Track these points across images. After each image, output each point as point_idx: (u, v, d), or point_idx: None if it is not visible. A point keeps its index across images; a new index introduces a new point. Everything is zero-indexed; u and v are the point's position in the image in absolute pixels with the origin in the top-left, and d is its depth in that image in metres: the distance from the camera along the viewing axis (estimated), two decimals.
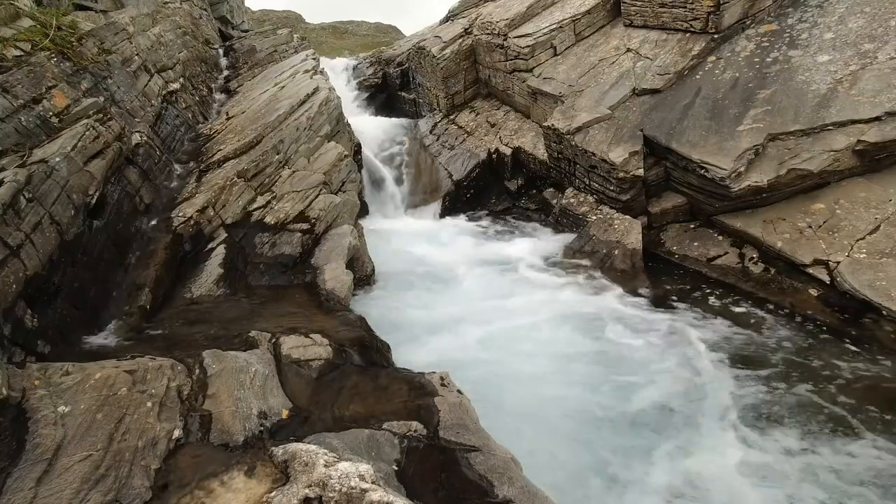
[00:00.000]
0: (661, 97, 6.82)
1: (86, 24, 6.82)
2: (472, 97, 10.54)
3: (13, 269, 3.62)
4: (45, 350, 3.69)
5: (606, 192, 6.77)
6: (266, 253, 5.58)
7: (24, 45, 5.34)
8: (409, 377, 3.74)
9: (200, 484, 2.46)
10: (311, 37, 20.70)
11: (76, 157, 4.62)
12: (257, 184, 6.33)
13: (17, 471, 2.45)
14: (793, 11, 6.80)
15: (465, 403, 3.42)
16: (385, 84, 12.83)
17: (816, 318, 4.90)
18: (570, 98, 7.61)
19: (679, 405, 4.20)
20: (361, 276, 6.06)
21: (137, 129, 6.10)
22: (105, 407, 2.86)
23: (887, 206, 5.20)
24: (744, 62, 6.56)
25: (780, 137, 5.64)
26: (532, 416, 4.15)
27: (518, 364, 4.73)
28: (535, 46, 8.54)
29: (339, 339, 4.05)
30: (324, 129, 7.65)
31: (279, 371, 3.60)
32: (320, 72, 9.68)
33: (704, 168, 5.75)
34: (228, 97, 9.98)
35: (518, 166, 8.76)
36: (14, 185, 3.87)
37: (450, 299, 5.88)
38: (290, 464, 2.42)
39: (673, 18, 7.40)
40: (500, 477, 2.87)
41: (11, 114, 4.61)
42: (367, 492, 2.12)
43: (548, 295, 5.92)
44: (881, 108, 5.28)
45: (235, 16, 15.82)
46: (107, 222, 4.84)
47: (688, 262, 6.05)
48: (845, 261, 4.97)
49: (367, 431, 3.04)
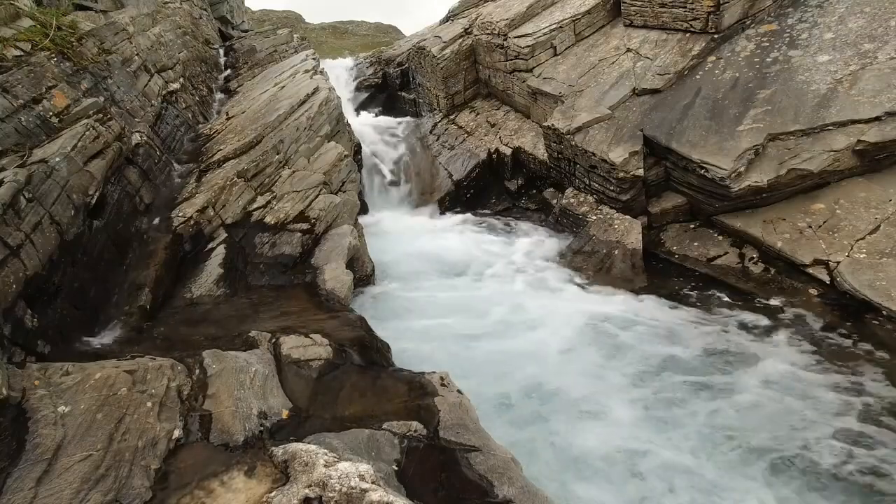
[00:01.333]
0: (661, 97, 6.82)
1: (86, 24, 6.82)
2: (472, 97, 10.54)
3: (13, 269, 3.62)
4: (45, 350, 3.69)
5: (606, 192, 6.77)
6: (266, 253, 5.58)
7: (24, 45, 5.34)
8: (409, 377, 3.74)
9: (200, 484, 2.46)
10: (311, 37, 20.68)
11: (76, 157, 4.62)
12: (257, 184, 6.33)
13: (17, 471, 2.45)
14: (793, 11, 6.80)
15: (465, 403, 3.42)
16: (385, 84, 12.82)
17: (816, 318, 4.90)
18: (570, 98, 7.61)
19: (675, 404, 4.20)
20: (361, 276, 6.06)
21: (137, 129, 6.10)
22: (105, 407, 2.86)
23: (887, 206, 5.19)
24: (744, 62, 6.56)
25: (780, 137, 5.64)
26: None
27: (517, 363, 4.73)
28: (535, 46, 8.54)
29: (339, 339, 4.05)
30: (324, 129, 7.65)
31: (279, 371, 3.61)
32: (320, 72, 9.67)
33: (704, 168, 5.75)
34: (228, 97, 9.98)
35: (518, 166, 8.76)
36: (14, 185, 3.87)
37: (450, 299, 5.88)
38: (290, 464, 2.42)
39: (673, 18, 7.40)
40: (500, 477, 2.87)
41: (11, 114, 4.61)
42: (367, 492, 2.12)
43: (547, 295, 5.92)
44: (881, 108, 5.28)
45: (235, 16, 15.81)
46: (107, 222, 4.85)
47: (688, 262, 6.05)
48: (845, 261, 4.97)
49: (367, 431, 3.05)
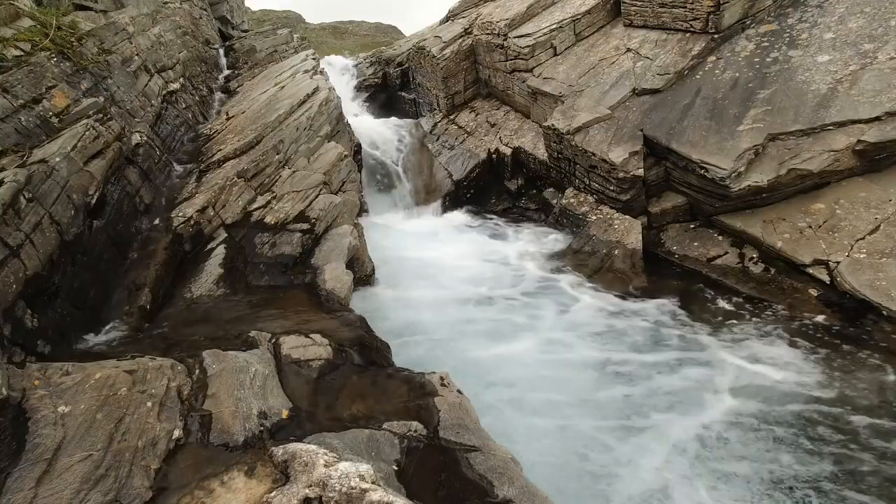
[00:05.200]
0: (661, 97, 6.82)
1: (86, 24, 6.82)
2: (472, 97, 10.54)
3: (13, 269, 3.63)
4: (45, 350, 3.69)
5: (606, 192, 6.77)
6: (266, 253, 5.58)
7: (24, 45, 5.34)
8: (409, 377, 3.74)
9: (200, 484, 2.46)
10: (311, 37, 20.71)
11: (76, 157, 4.62)
12: (257, 184, 6.33)
13: (17, 471, 2.45)
14: (793, 11, 6.80)
15: (465, 403, 3.42)
16: (385, 84, 12.83)
17: (816, 318, 4.90)
18: (570, 98, 7.61)
19: (673, 402, 4.21)
20: (361, 276, 6.05)
21: (137, 129, 6.10)
22: (105, 407, 2.86)
23: (887, 206, 5.19)
24: (744, 62, 6.56)
25: (780, 137, 5.64)
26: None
27: (517, 363, 4.73)
28: (535, 46, 8.54)
29: (339, 339, 4.05)
30: (324, 129, 7.65)
31: (279, 371, 3.60)
32: (320, 72, 9.68)
33: (704, 168, 5.75)
34: (228, 97, 9.98)
35: (518, 166, 8.76)
36: (14, 185, 3.87)
37: (450, 299, 5.88)
38: (290, 464, 2.42)
39: (673, 18, 7.40)
40: (500, 477, 2.87)
41: (11, 114, 4.62)
42: (367, 492, 2.12)
43: (547, 295, 5.92)
44: (881, 108, 5.28)
45: (235, 16, 15.82)
46: (107, 222, 4.85)
47: (688, 262, 6.05)
48: (845, 261, 4.97)
49: (367, 431, 3.05)
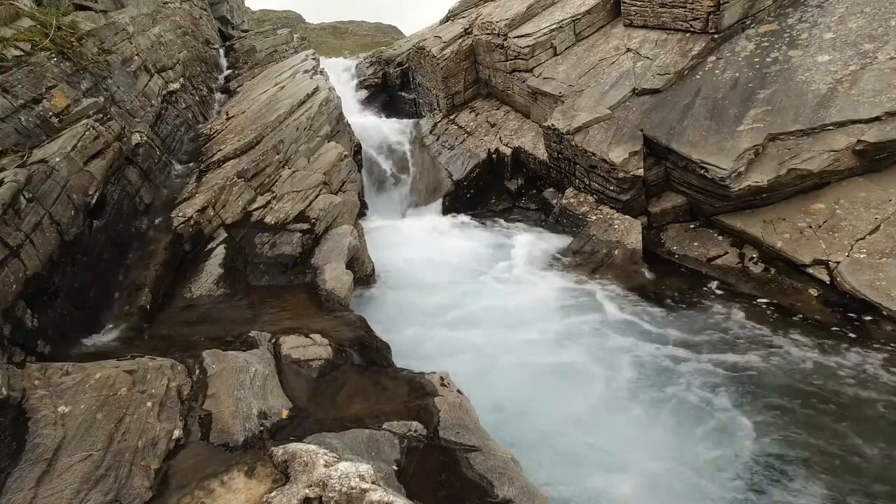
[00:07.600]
0: (661, 97, 6.82)
1: (86, 24, 6.82)
2: (472, 97, 10.54)
3: (13, 269, 3.62)
4: (45, 350, 3.69)
5: (606, 192, 6.77)
6: (266, 253, 5.58)
7: (24, 45, 5.34)
8: (409, 377, 3.74)
9: (200, 484, 2.46)
10: (311, 37, 20.71)
11: (76, 157, 4.62)
12: (257, 184, 6.33)
13: (17, 471, 2.45)
14: (793, 11, 6.80)
15: (465, 403, 3.42)
16: (385, 84, 12.83)
17: (816, 318, 4.90)
18: (570, 98, 7.61)
19: (672, 400, 4.21)
20: (361, 276, 6.05)
21: (137, 129, 6.10)
22: (105, 407, 2.86)
23: (887, 206, 5.19)
24: (744, 62, 6.56)
25: (780, 137, 5.64)
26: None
27: (517, 362, 4.73)
28: (535, 46, 8.54)
29: (339, 339, 4.05)
30: (324, 129, 7.65)
31: (279, 371, 3.60)
32: (320, 72, 9.68)
33: (704, 168, 5.75)
34: (228, 97, 9.98)
35: (518, 166, 8.76)
36: (14, 185, 3.87)
37: (450, 299, 5.88)
38: (290, 464, 2.42)
39: (673, 18, 7.40)
40: (500, 477, 2.87)
41: (11, 114, 4.62)
42: (367, 492, 2.12)
43: (547, 295, 5.91)
44: (881, 108, 5.28)
45: (235, 16, 15.83)
46: (107, 222, 4.85)
47: (688, 262, 6.05)
48: (845, 261, 4.96)
49: (367, 431, 3.04)
